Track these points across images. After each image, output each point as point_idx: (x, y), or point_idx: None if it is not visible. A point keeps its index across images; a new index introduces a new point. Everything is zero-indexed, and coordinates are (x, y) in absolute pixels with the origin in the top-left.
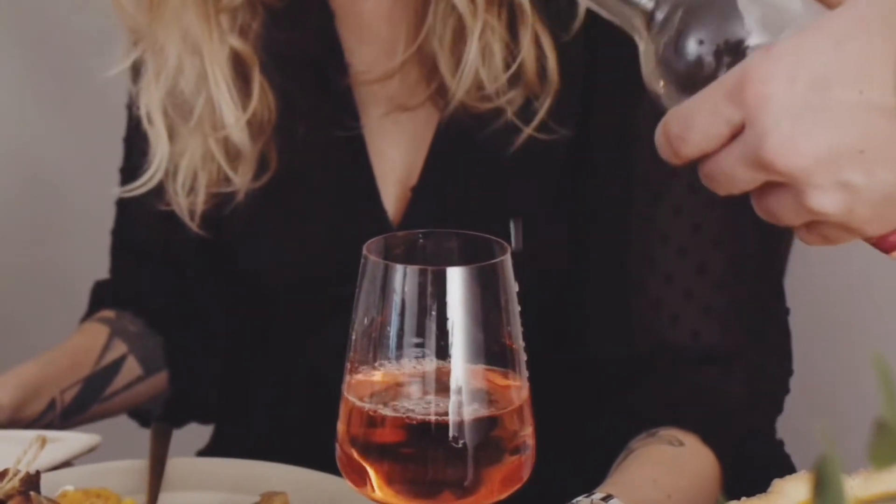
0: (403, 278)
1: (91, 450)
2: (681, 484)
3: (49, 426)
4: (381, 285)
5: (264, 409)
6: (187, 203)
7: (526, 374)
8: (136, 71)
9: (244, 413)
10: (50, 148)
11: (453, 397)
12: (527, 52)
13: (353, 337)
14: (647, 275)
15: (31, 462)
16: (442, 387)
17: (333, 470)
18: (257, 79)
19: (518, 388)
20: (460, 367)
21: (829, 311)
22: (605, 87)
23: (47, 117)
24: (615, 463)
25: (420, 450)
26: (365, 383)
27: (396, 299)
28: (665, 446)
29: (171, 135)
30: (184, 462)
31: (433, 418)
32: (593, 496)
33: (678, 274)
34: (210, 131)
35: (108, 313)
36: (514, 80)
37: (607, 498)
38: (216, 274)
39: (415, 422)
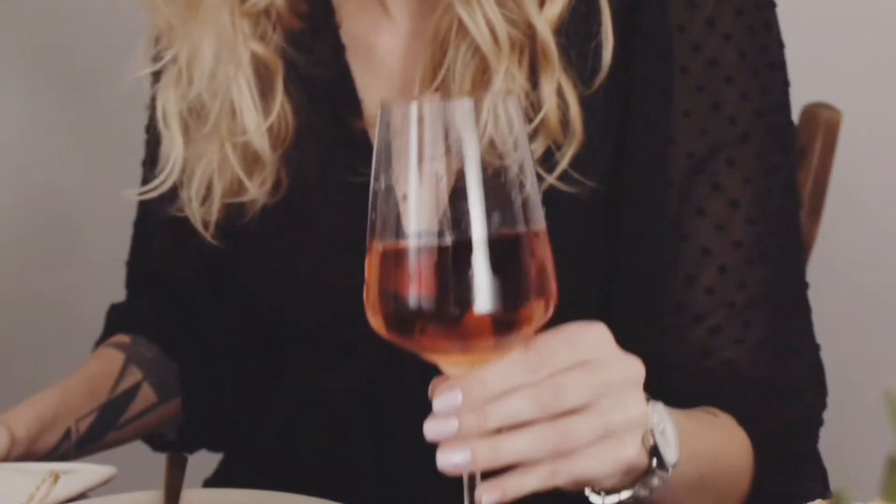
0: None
1: (106, 482)
2: (719, 434)
3: (63, 455)
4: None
5: (275, 439)
6: (201, 212)
7: (540, 203)
8: (156, 72)
9: (254, 442)
10: (55, 165)
11: (475, 213)
12: (549, 101)
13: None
14: (676, 314)
15: (43, 498)
16: (462, 204)
17: (345, 499)
18: (280, 87)
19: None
20: (476, 185)
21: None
22: (632, 140)
23: (53, 136)
24: None
25: (445, 273)
26: (388, 221)
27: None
28: (699, 412)
29: (187, 139)
30: (198, 493)
31: (460, 236)
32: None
33: (708, 313)
34: (227, 136)
35: (124, 338)
36: (535, 131)
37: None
38: (231, 308)
39: (442, 246)
